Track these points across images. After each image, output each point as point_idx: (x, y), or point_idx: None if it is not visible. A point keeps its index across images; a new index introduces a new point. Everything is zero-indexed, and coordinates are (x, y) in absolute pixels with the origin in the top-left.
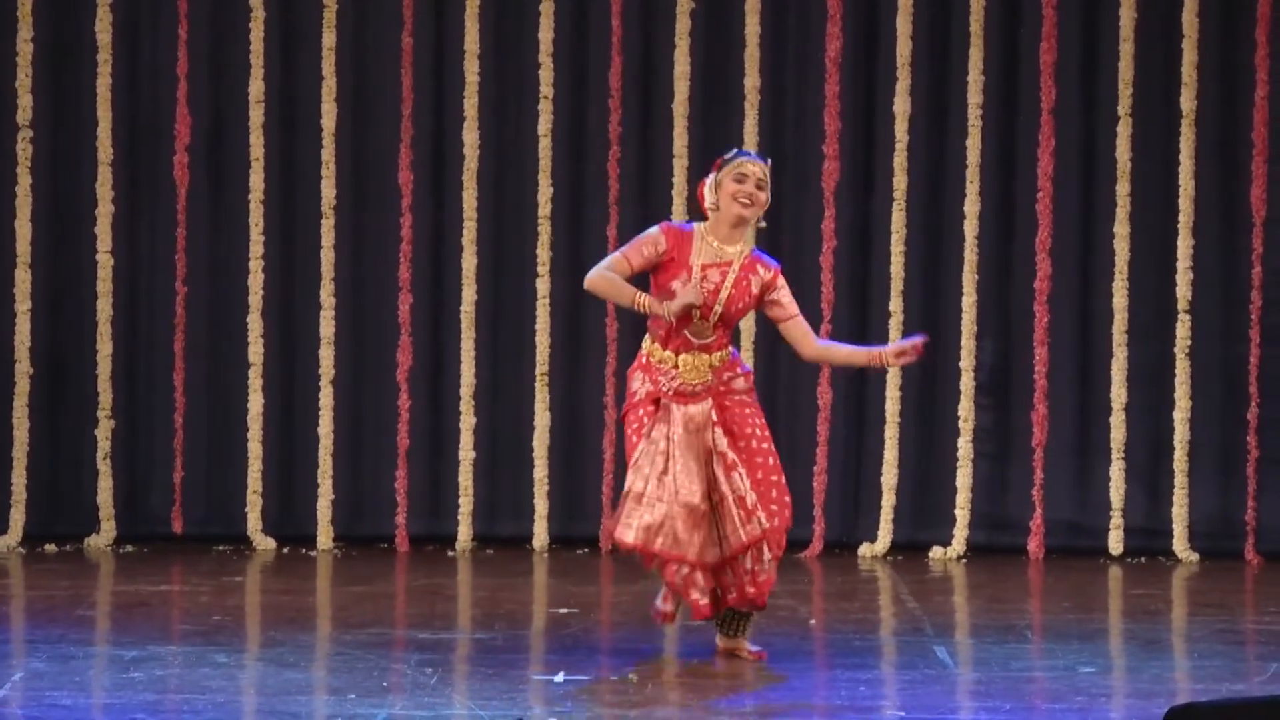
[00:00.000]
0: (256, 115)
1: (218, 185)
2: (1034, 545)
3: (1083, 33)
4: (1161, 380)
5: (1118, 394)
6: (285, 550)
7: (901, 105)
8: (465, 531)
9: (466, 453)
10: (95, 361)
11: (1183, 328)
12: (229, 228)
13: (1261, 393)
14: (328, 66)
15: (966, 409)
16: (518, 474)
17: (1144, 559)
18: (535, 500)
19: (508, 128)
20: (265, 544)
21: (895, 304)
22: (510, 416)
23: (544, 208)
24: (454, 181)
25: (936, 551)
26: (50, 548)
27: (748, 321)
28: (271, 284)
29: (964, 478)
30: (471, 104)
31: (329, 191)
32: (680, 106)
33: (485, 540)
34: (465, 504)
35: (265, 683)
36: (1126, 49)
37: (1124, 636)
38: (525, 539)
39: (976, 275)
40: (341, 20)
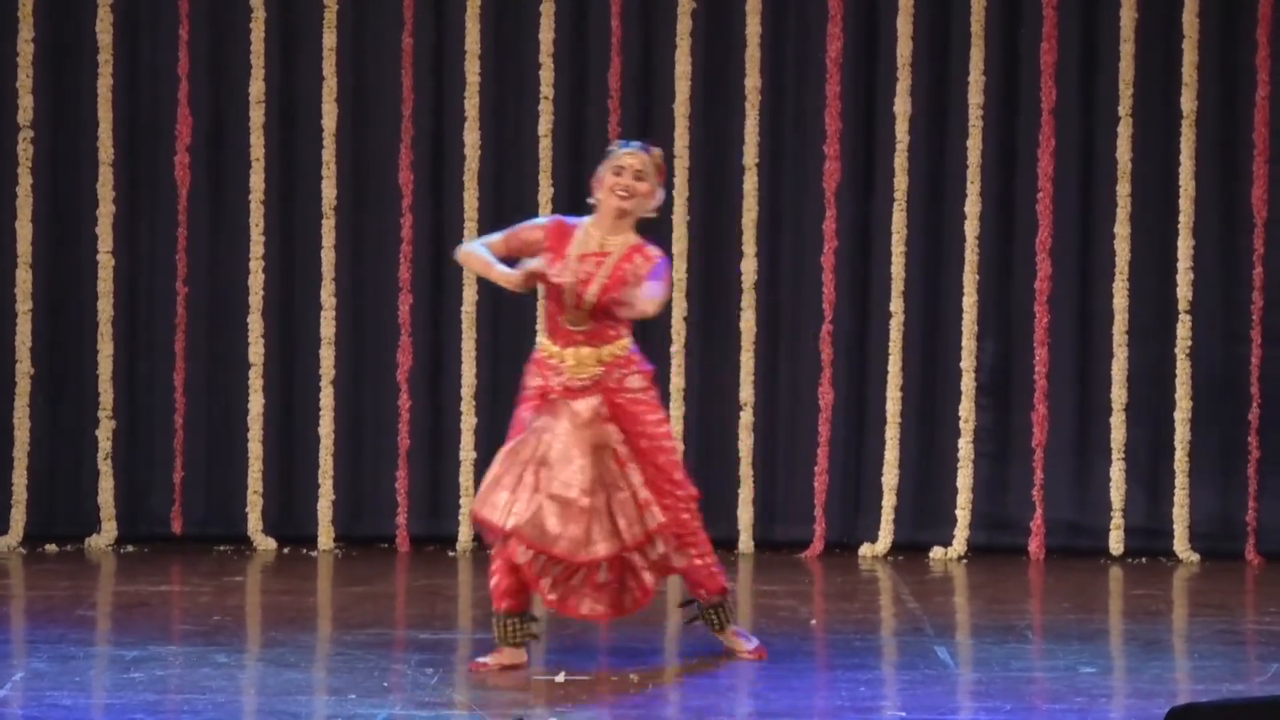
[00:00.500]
0: (257, 115)
1: (218, 185)
2: (1034, 546)
3: (1083, 33)
4: (1162, 381)
5: (1118, 394)
6: (286, 550)
7: (902, 105)
8: (466, 532)
9: (467, 453)
10: (96, 362)
11: (1183, 328)
12: (229, 228)
13: (1262, 393)
14: (328, 67)
15: (967, 409)
16: None
17: (1144, 559)
18: None
19: (508, 128)
20: (266, 544)
21: (896, 304)
22: (510, 417)
23: (544, 208)
24: (454, 182)
25: (937, 552)
26: (51, 548)
27: (748, 324)
28: (272, 284)
29: (964, 478)
30: (472, 104)
31: (329, 192)
32: (681, 107)
33: (485, 540)
34: (466, 504)
35: (265, 683)
36: (1127, 49)
37: (1124, 637)
38: None
39: (977, 275)
40: (342, 20)
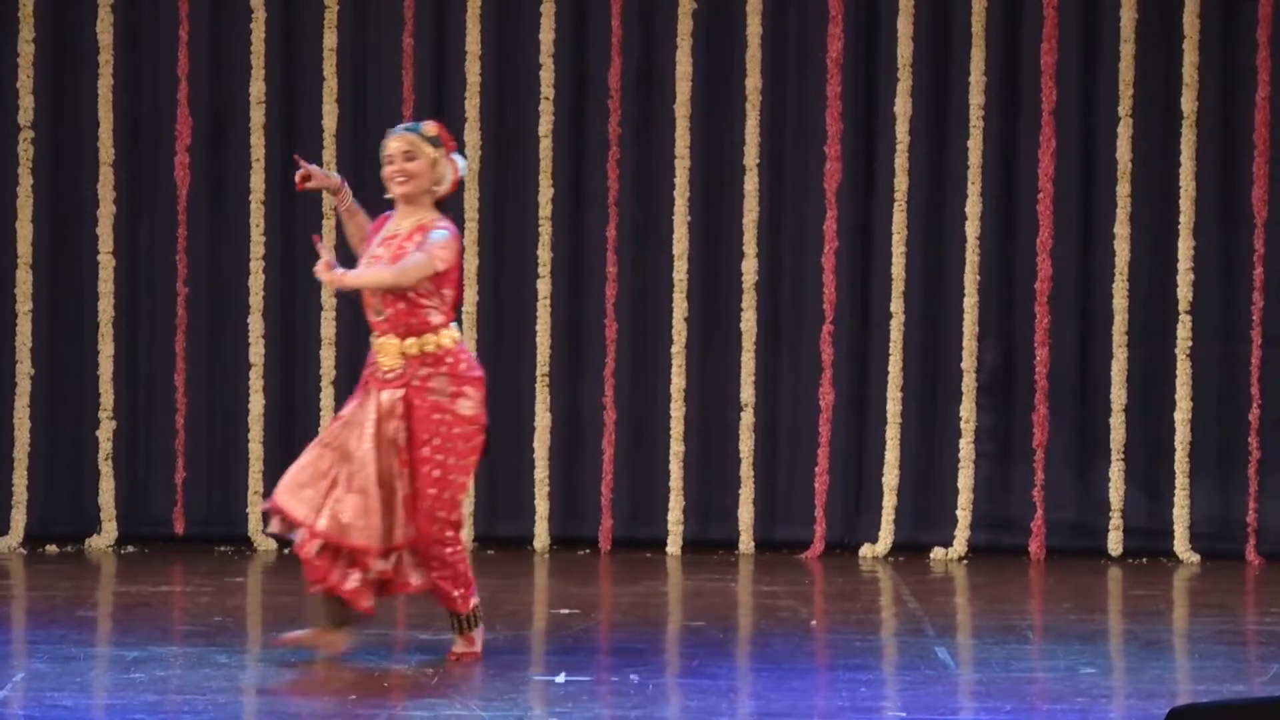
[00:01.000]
0: (257, 116)
1: (219, 186)
2: (1035, 546)
3: (1083, 33)
4: (1162, 381)
5: (1118, 395)
6: (286, 551)
7: (903, 106)
8: (465, 532)
9: None
10: (96, 362)
11: (1183, 329)
12: (230, 228)
13: (1262, 393)
14: (329, 67)
15: (968, 410)
16: (518, 475)
17: (1145, 560)
18: (536, 501)
19: (508, 128)
20: (266, 545)
21: (896, 305)
22: (510, 417)
23: (545, 208)
24: None
25: (938, 552)
26: (51, 548)
27: (749, 324)
28: (272, 284)
29: (965, 478)
30: (472, 104)
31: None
32: (681, 107)
33: (485, 541)
34: (466, 505)
35: (266, 683)
36: (1127, 50)
37: (1125, 637)
38: (526, 539)
39: (977, 276)
40: (342, 21)
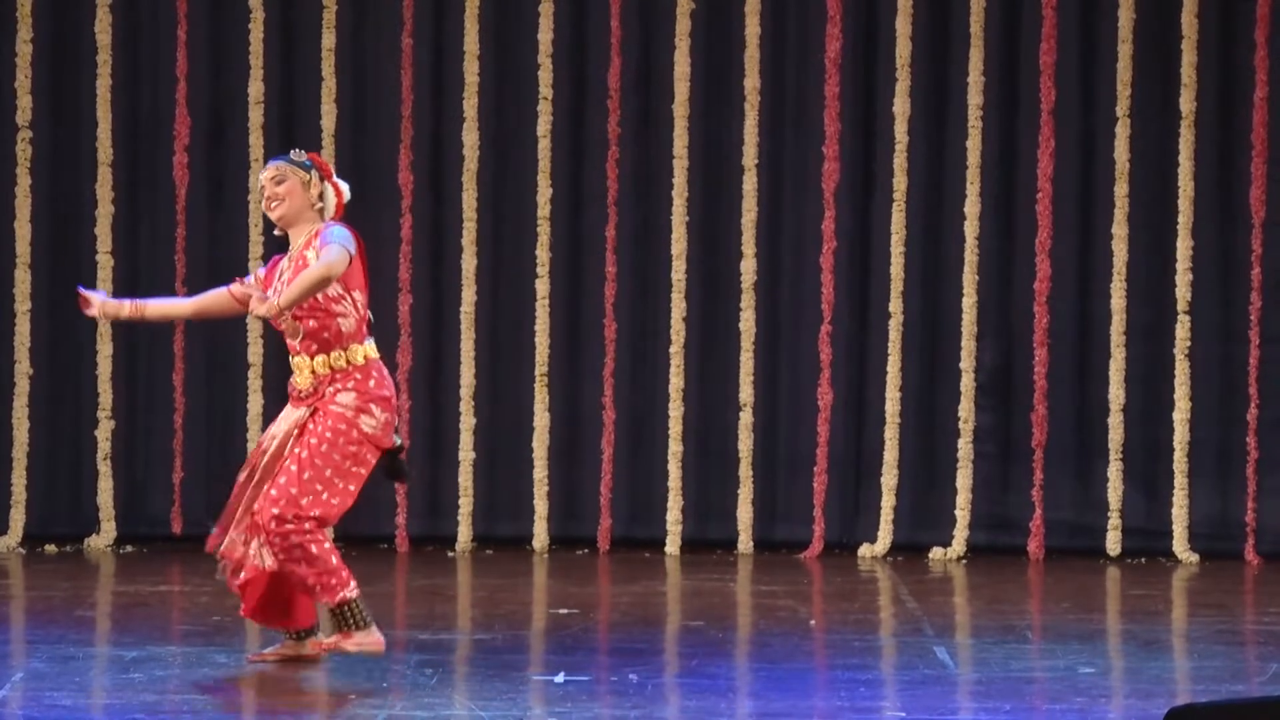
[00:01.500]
0: (256, 116)
1: (217, 186)
2: (1034, 546)
3: (1082, 34)
4: (1161, 381)
5: (1117, 395)
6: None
7: (901, 106)
8: (465, 532)
9: (466, 453)
10: (95, 362)
11: (1182, 328)
12: (229, 228)
13: (1261, 393)
14: (327, 67)
15: (966, 410)
16: (517, 474)
17: (1144, 560)
18: (535, 501)
19: (507, 128)
20: None
21: (895, 304)
22: (510, 417)
23: (543, 208)
24: (453, 182)
25: (936, 552)
26: (50, 548)
27: (748, 324)
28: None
29: (964, 478)
30: (471, 104)
31: None
32: (680, 107)
33: (485, 541)
34: (465, 504)
35: (265, 684)
36: (1126, 50)
37: (1124, 637)
38: (525, 539)
39: (976, 276)
40: (341, 21)
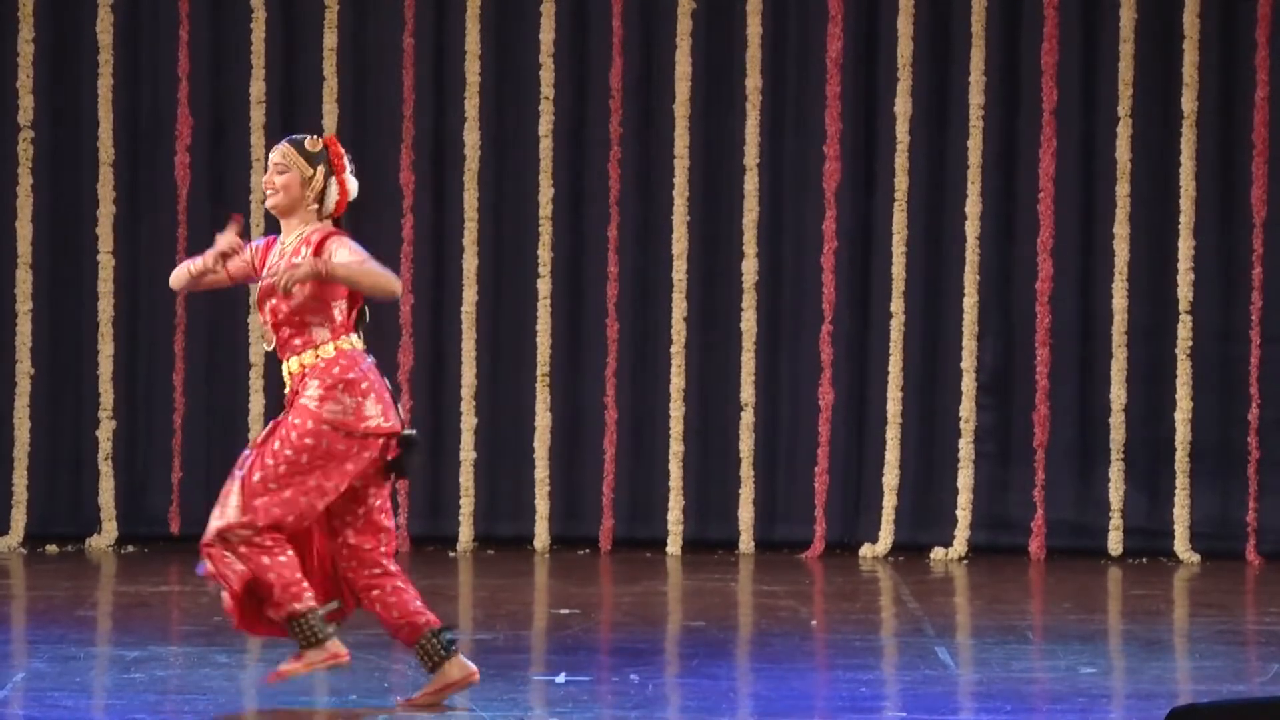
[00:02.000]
0: (257, 115)
1: (219, 185)
2: (1035, 546)
3: (1083, 33)
4: (1162, 381)
5: (1118, 395)
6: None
7: (903, 106)
8: (466, 532)
9: (467, 453)
10: (96, 362)
11: (1183, 328)
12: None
13: (1262, 394)
14: (329, 67)
15: (968, 409)
16: (518, 474)
17: (1145, 560)
18: (536, 501)
19: (508, 128)
20: None
21: (896, 304)
22: (511, 417)
23: (545, 208)
24: (455, 182)
25: (937, 552)
26: (51, 548)
27: (749, 324)
28: None
29: (965, 478)
30: (472, 104)
31: None
32: (681, 107)
33: (486, 541)
34: (466, 505)
35: (266, 683)
36: (1127, 50)
37: (1125, 637)
38: (526, 539)
39: (977, 276)
40: (342, 21)
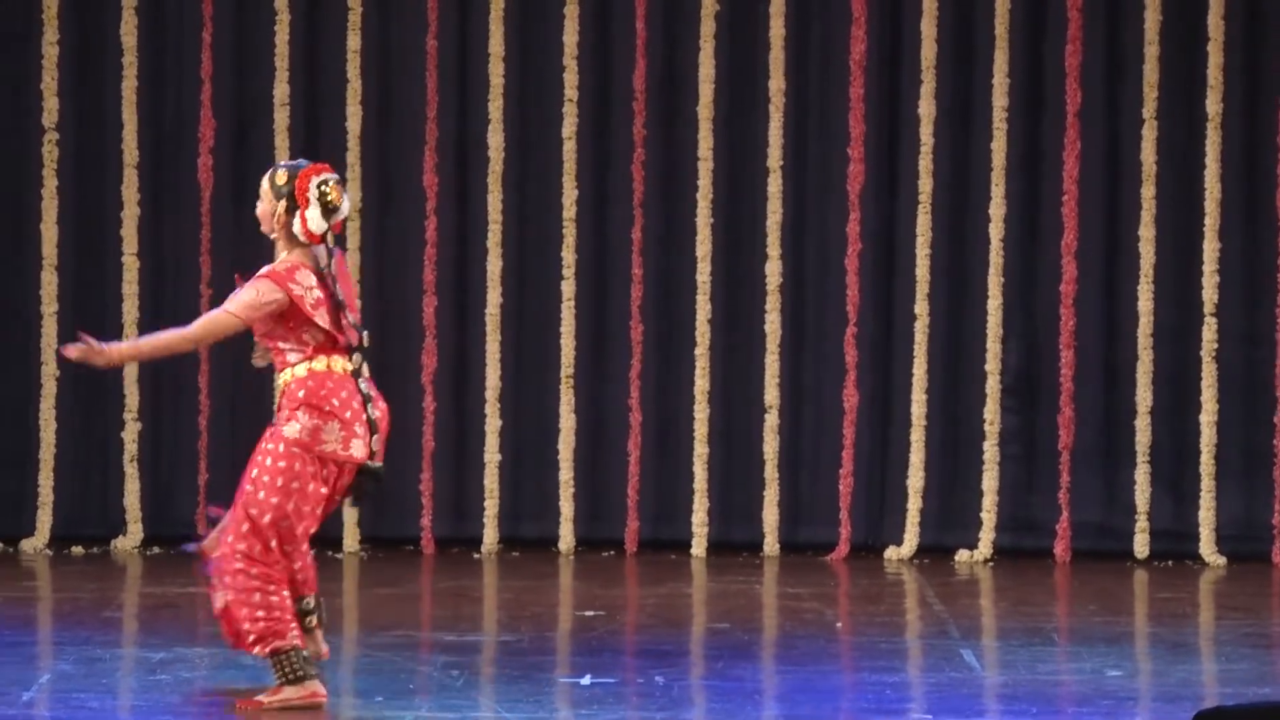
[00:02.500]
0: (281, 118)
1: (242, 187)
2: (1060, 548)
3: (1107, 36)
4: (1187, 383)
5: (1143, 397)
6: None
7: (926, 108)
8: (491, 534)
9: (492, 455)
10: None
11: (1209, 331)
12: (253, 231)
13: None
14: (352, 69)
15: (992, 412)
16: (543, 476)
17: (1170, 562)
18: (560, 503)
19: (532, 130)
20: None
21: (920, 307)
22: (535, 419)
23: (569, 210)
24: (479, 184)
25: (962, 554)
26: (77, 550)
27: (773, 326)
28: None
29: (990, 481)
30: (496, 107)
31: (354, 194)
32: (705, 109)
33: (511, 543)
34: (491, 506)
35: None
36: (1151, 52)
37: (1150, 640)
38: (551, 541)
39: (1001, 278)
40: (366, 23)
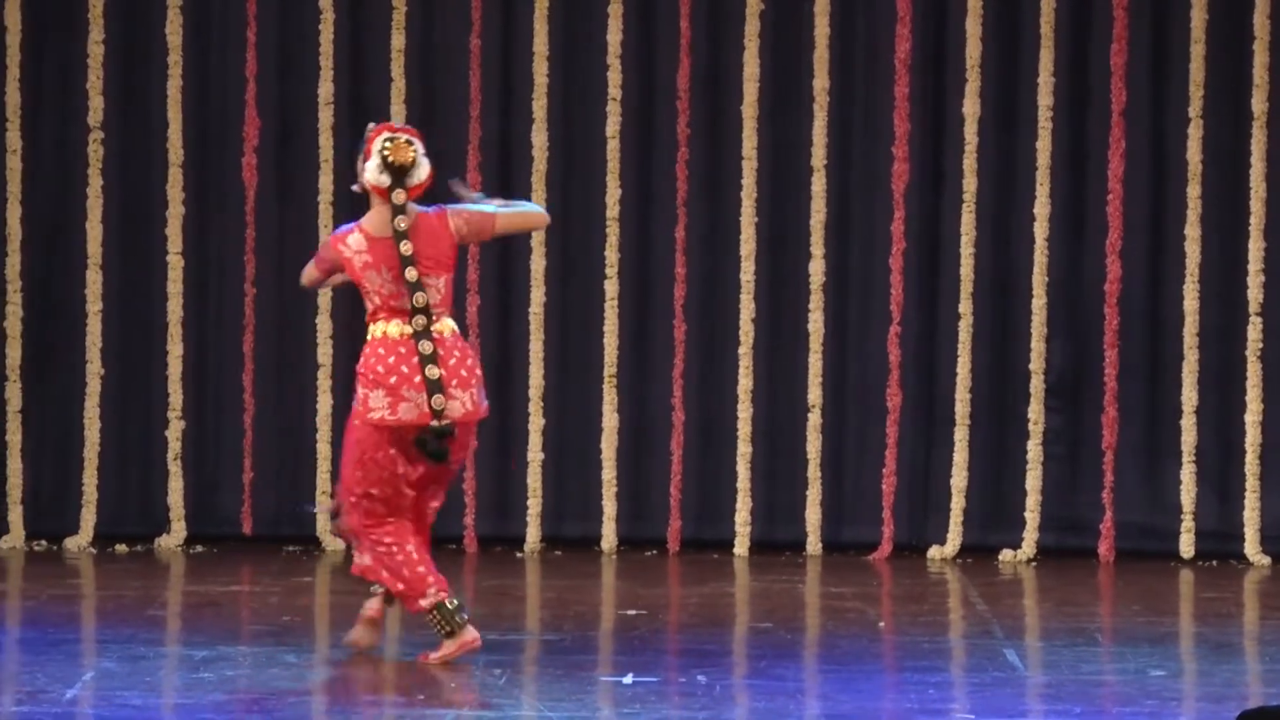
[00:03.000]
0: (325, 117)
1: (287, 187)
2: (1104, 548)
3: (1153, 34)
4: (1233, 383)
5: (1188, 396)
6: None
7: (971, 107)
8: (533, 533)
9: (535, 454)
10: (165, 362)
11: (1254, 330)
12: (298, 229)
13: None
14: (396, 68)
15: (1036, 411)
16: (586, 476)
17: (1215, 562)
18: (603, 502)
19: (576, 129)
20: (335, 545)
21: (965, 306)
22: (578, 418)
23: (612, 209)
24: (522, 183)
25: (1006, 554)
26: (121, 548)
27: (816, 325)
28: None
29: (1034, 480)
30: (540, 105)
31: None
32: (749, 108)
33: (553, 541)
34: (533, 505)
35: (334, 683)
36: (1197, 50)
37: (1195, 640)
38: (593, 540)
39: (1046, 277)
40: (410, 22)
